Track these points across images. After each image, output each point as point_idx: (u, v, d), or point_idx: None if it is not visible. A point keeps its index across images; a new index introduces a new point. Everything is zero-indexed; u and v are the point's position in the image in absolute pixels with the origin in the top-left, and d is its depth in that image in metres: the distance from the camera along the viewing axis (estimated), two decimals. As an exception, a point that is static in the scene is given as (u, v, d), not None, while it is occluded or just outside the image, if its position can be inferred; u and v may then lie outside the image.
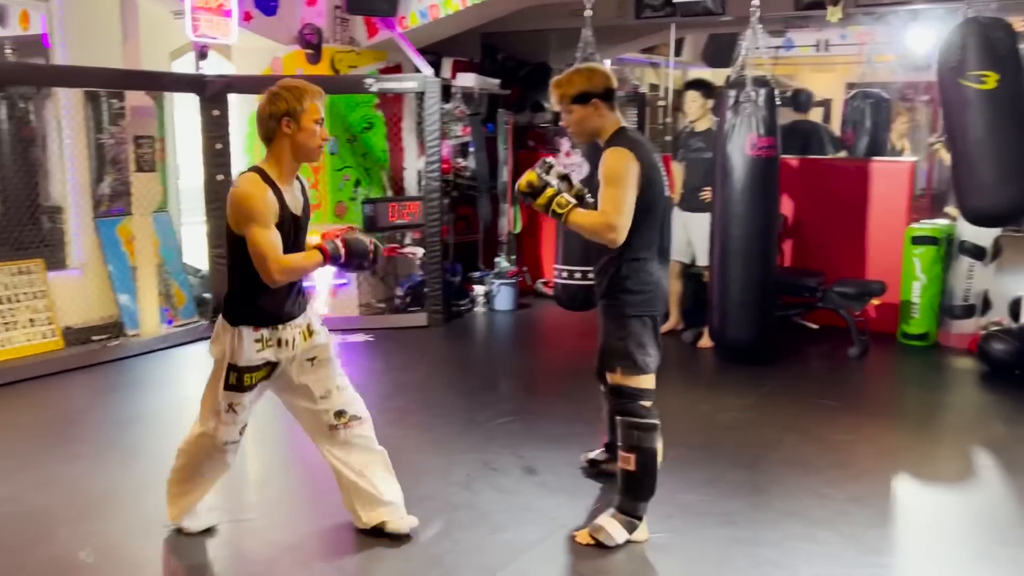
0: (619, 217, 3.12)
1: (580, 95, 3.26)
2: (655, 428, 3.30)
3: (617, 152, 3.18)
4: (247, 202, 2.97)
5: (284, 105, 2.99)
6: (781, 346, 6.02)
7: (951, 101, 4.81)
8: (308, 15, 6.93)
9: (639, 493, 3.33)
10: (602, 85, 3.27)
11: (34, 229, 6.43)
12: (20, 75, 6.29)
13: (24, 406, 5.09)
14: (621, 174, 3.14)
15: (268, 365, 3.17)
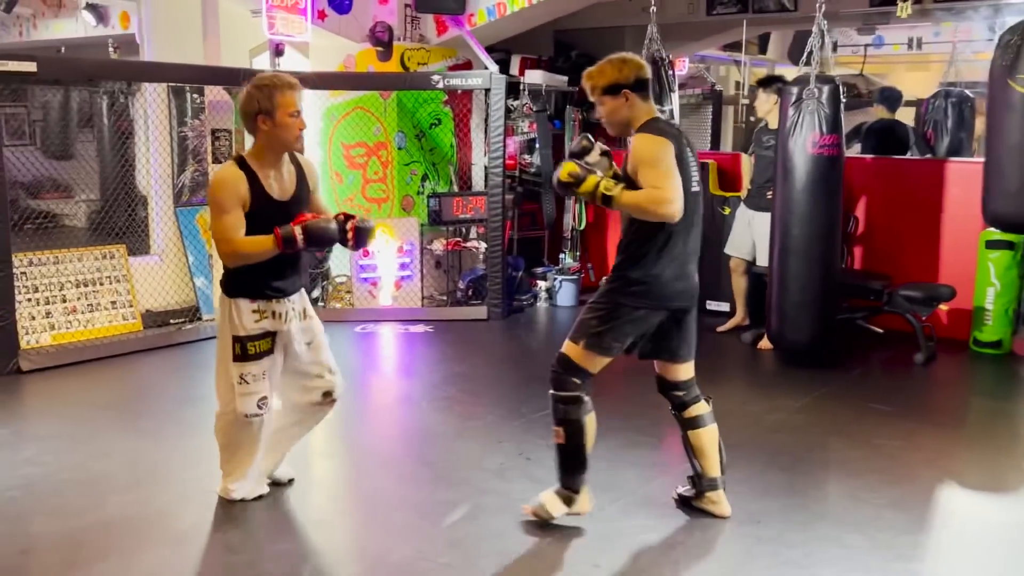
0: (673, 191, 3.06)
1: (610, 86, 3.23)
2: (581, 401, 3.32)
3: (648, 136, 3.16)
4: (213, 190, 3.28)
5: (256, 105, 3.22)
6: (843, 350, 5.89)
7: (995, 100, 4.69)
8: (380, 13, 7.11)
9: (572, 466, 3.37)
10: (633, 76, 3.23)
11: (125, 217, 6.83)
12: (107, 71, 6.65)
13: (100, 382, 5.41)
14: (658, 154, 3.11)
15: (269, 336, 3.38)
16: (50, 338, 5.83)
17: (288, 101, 3.24)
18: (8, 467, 3.96)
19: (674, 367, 3.48)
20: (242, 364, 3.38)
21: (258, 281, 3.35)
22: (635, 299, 3.26)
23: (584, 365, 3.31)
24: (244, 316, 3.35)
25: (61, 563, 3.16)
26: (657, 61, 5.89)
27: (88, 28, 9.53)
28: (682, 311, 3.37)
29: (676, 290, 3.30)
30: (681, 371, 3.49)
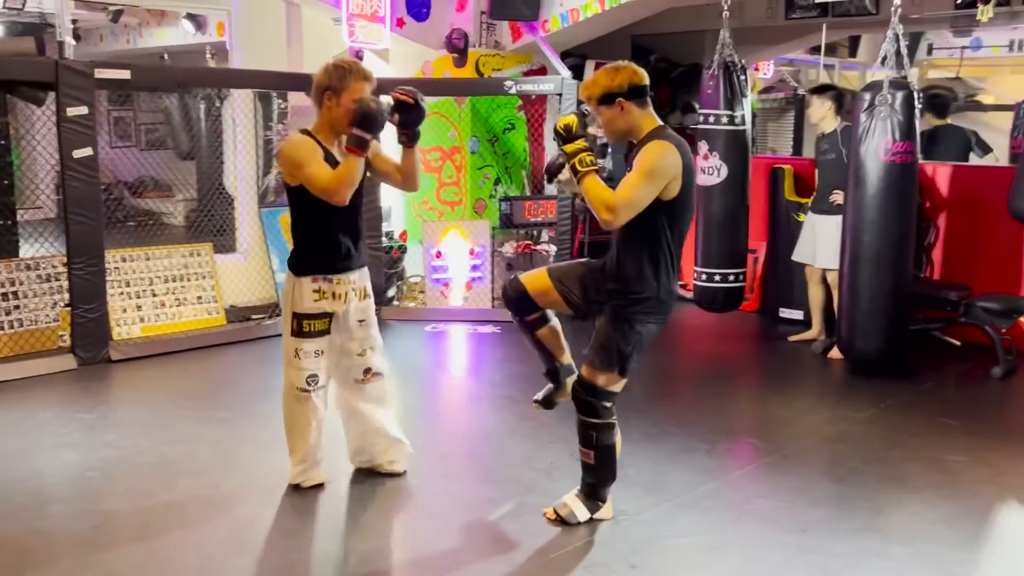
0: (623, 203, 3.04)
1: (604, 96, 3.17)
2: (613, 427, 3.37)
3: (662, 145, 3.09)
4: (294, 150, 3.41)
5: (327, 79, 3.41)
6: (917, 361, 5.74)
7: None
8: (457, 20, 7.27)
9: (601, 480, 3.44)
10: (626, 83, 3.14)
11: (216, 216, 7.20)
12: (195, 78, 7.01)
13: (182, 373, 5.71)
14: (654, 168, 3.05)
15: (327, 316, 3.56)
16: (139, 330, 6.18)
17: (357, 88, 3.41)
18: (89, 450, 4.25)
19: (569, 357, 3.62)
20: (298, 340, 3.58)
21: (321, 260, 3.54)
22: (654, 317, 3.30)
23: (615, 389, 3.36)
24: (304, 294, 3.53)
25: (129, 538, 3.39)
26: (728, 66, 5.85)
27: (188, 36, 9.99)
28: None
29: (670, 308, 3.36)
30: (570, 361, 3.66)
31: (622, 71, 3.18)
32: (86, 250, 5.61)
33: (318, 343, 3.60)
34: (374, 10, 6.79)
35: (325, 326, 3.59)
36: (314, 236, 3.52)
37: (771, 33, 8.10)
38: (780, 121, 10.04)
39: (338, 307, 3.60)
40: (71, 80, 5.43)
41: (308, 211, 3.50)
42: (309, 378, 3.62)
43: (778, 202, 7.05)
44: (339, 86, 3.40)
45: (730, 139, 5.81)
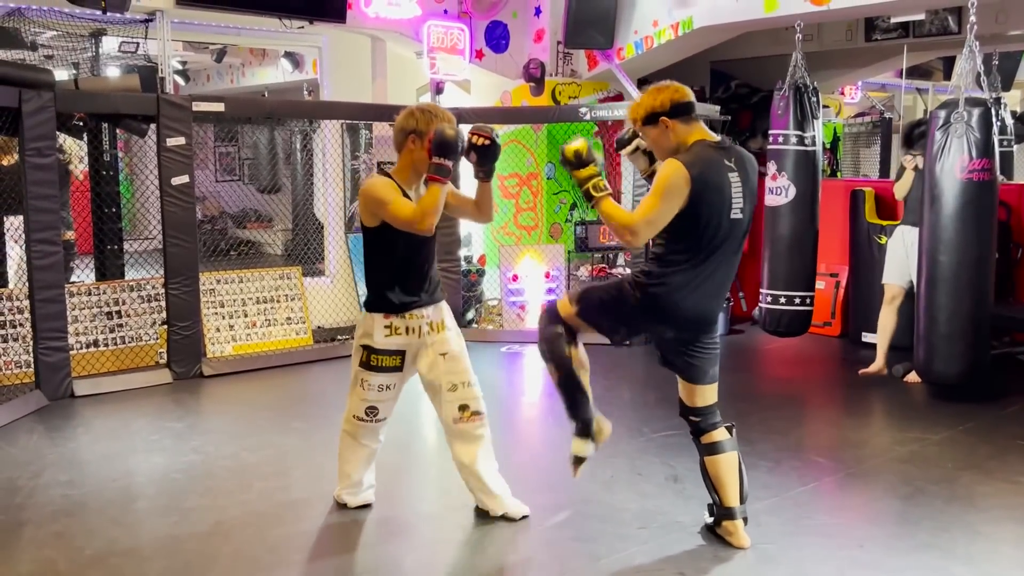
0: (642, 222, 3.08)
1: (647, 116, 3.20)
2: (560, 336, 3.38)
3: (671, 163, 3.11)
4: (375, 191, 3.44)
5: (412, 123, 3.47)
6: (1001, 385, 5.57)
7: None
8: (534, 51, 7.48)
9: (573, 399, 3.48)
10: (668, 102, 3.17)
11: (311, 244, 7.58)
12: (285, 109, 7.43)
13: (268, 388, 6.00)
14: (663, 184, 3.07)
15: (398, 354, 3.59)
16: (232, 348, 6.54)
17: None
18: (175, 454, 4.54)
19: (688, 388, 3.42)
20: (364, 371, 3.65)
21: (392, 296, 3.55)
22: (642, 304, 3.23)
23: (569, 322, 3.38)
24: (376, 329, 3.57)
25: (204, 532, 3.62)
26: (800, 88, 5.86)
27: (285, 74, 10.56)
28: (689, 337, 3.32)
29: (685, 311, 3.23)
30: (698, 394, 3.41)
31: (664, 90, 3.21)
32: (182, 271, 5.99)
33: (386, 378, 3.62)
34: (454, 43, 7.06)
35: (396, 363, 3.60)
36: (387, 275, 3.56)
37: (852, 56, 8.02)
38: (870, 146, 9.87)
39: (412, 342, 3.60)
40: (171, 112, 5.85)
41: (383, 251, 3.55)
42: (368, 409, 3.68)
43: (859, 224, 6.95)
44: (424, 129, 3.44)
45: (800, 160, 5.80)
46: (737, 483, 3.40)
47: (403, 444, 4.97)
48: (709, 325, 3.35)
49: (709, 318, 3.33)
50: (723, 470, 3.39)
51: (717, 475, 3.41)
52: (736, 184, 3.19)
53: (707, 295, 3.25)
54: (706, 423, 3.42)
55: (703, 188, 3.09)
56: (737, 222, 3.20)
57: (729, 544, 3.43)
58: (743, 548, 3.37)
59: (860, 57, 8.06)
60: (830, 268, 7.27)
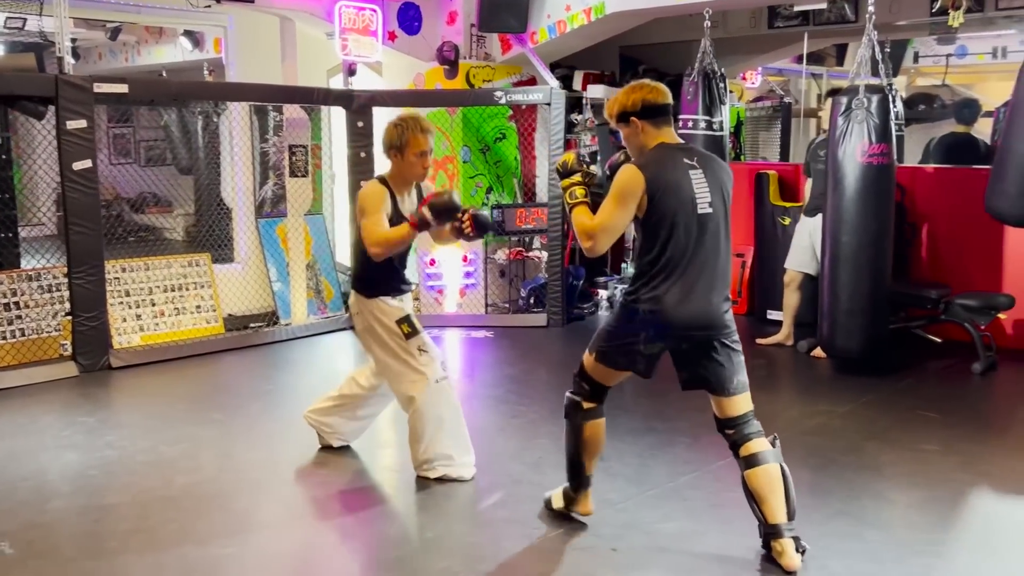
0: (599, 230, 3.11)
1: (620, 114, 3.23)
2: (579, 407, 3.42)
3: (626, 168, 3.15)
4: (364, 199, 3.77)
5: (389, 139, 3.78)
6: (899, 358, 5.88)
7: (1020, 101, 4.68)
8: (447, 33, 7.45)
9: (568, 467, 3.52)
10: (640, 103, 3.18)
11: (215, 229, 7.37)
12: (192, 91, 7.18)
13: (181, 379, 5.85)
14: (617, 190, 3.11)
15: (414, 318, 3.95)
16: (139, 339, 6.32)
17: (416, 142, 3.76)
18: (89, 450, 4.38)
19: (720, 401, 3.29)
20: (416, 338, 3.86)
21: (392, 281, 3.94)
22: (640, 322, 3.19)
23: (594, 375, 3.38)
24: (392, 305, 3.90)
25: (128, 529, 3.51)
26: (709, 74, 6.02)
27: (185, 53, 10.19)
28: (701, 339, 3.21)
29: (683, 316, 3.15)
30: (728, 405, 3.27)
31: (638, 90, 3.22)
32: (86, 260, 5.75)
33: (422, 339, 3.89)
34: (366, 24, 6.96)
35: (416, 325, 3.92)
36: (380, 265, 3.81)
37: (756, 43, 8.28)
38: (769, 129, 10.20)
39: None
40: (70, 94, 5.59)
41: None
42: (442, 363, 3.95)
43: (763, 207, 7.19)
44: (399, 143, 3.76)
45: (709, 144, 5.97)
46: (782, 498, 3.20)
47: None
48: (716, 325, 3.20)
49: (712, 317, 3.19)
50: (763, 484, 3.20)
51: (757, 490, 3.20)
52: (699, 179, 3.16)
53: (701, 294, 3.16)
54: (740, 434, 3.25)
55: (658, 188, 3.09)
56: (708, 216, 3.15)
57: (663, 527, 3.54)
58: (792, 571, 3.12)
59: (763, 43, 8.33)
60: (736, 248, 7.45)
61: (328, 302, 7.45)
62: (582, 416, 3.42)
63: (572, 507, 3.54)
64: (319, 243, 7.48)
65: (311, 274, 7.37)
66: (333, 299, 7.49)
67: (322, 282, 7.47)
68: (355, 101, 6.95)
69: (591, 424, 3.42)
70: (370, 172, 7.02)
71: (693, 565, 3.25)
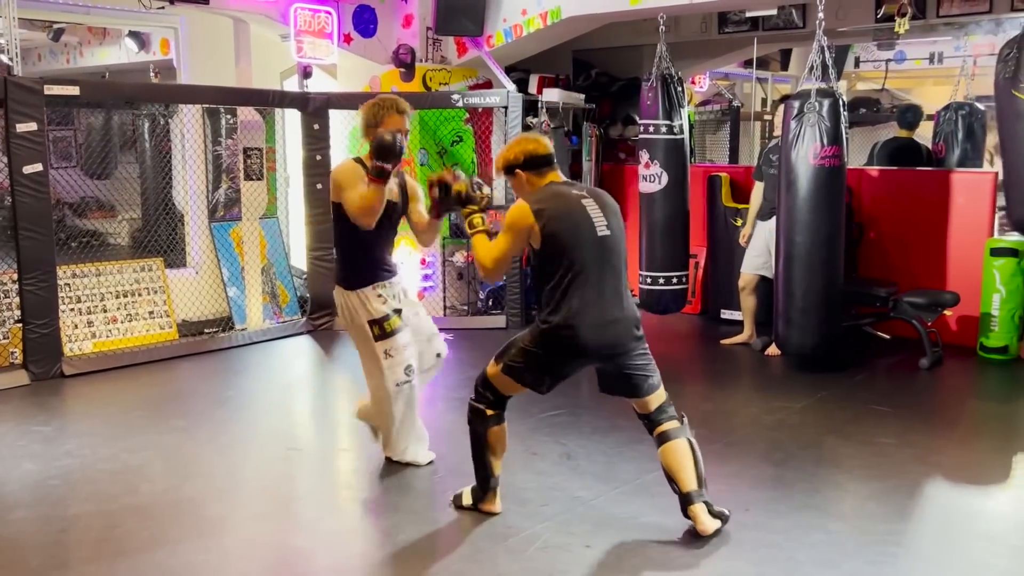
0: (493, 260, 3.38)
1: (506, 168, 3.49)
2: (484, 415, 3.60)
3: (515, 205, 3.38)
4: (339, 175, 3.82)
5: (366, 118, 3.77)
6: (850, 355, 6.05)
7: (1004, 111, 4.83)
8: (403, 36, 7.44)
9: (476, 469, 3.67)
10: (523, 156, 3.43)
11: (164, 233, 7.24)
12: (145, 93, 7.06)
13: (137, 386, 5.74)
14: (508, 224, 3.36)
15: (398, 312, 3.89)
16: (91, 346, 6.19)
17: (393, 121, 3.76)
18: (47, 459, 4.29)
19: (637, 401, 3.53)
20: (384, 341, 3.87)
21: (374, 268, 3.91)
22: (553, 345, 3.35)
23: (497, 385, 3.55)
24: (372, 301, 3.87)
25: (95, 539, 3.46)
26: (667, 78, 6.12)
27: (131, 54, 9.99)
28: (616, 358, 3.40)
29: (598, 340, 3.33)
30: (645, 404, 3.52)
31: (521, 143, 3.50)
32: (37, 266, 5.62)
33: (404, 336, 3.92)
34: (321, 27, 6.93)
35: (400, 321, 3.92)
36: (361, 251, 3.87)
37: (706, 47, 8.43)
38: (717, 132, 10.39)
39: (397, 305, 3.96)
40: (20, 96, 5.47)
41: (355, 228, 3.79)
42: (407, 369, 3.93)
43: (716, 208, 7.33)
44: (375, 122, 3.76)
45: (670, 147, 6.08)
46: (692, 468, 3.44)
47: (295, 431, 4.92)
48: (628, 342, 3.40)
49: (624, 336, 3.39)
50: (674, 457, 3.45)
51: (669, 463, 3.46)
52: (591, 206, 3.39)
53: (605, 311, 3.35)
54: (653, 421, 3.52)
55: (549, 218, 3.30)
56: (608, 238, 3.37)
57: (634, 523, 3.60)
58: (707, 534, 3.38)
59: (713, 48, 8.48)
60: (690, 249, 7.63)
61: (284, 307, 7.39)
62: (485, 423, 3.59)
63: (481, 505, 3.66)
64: (274, 247, 7.41)
65: (266, 278, 7.30)
66: (289, 303, 7.42)
67: (277, 286, 7.40)
68: (311, 103, 6.90)
69: (494, 430, 3.61)
70: (325, 175, 6.97)
71: (666, 559, 3.32)
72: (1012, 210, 5.22)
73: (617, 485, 3.96)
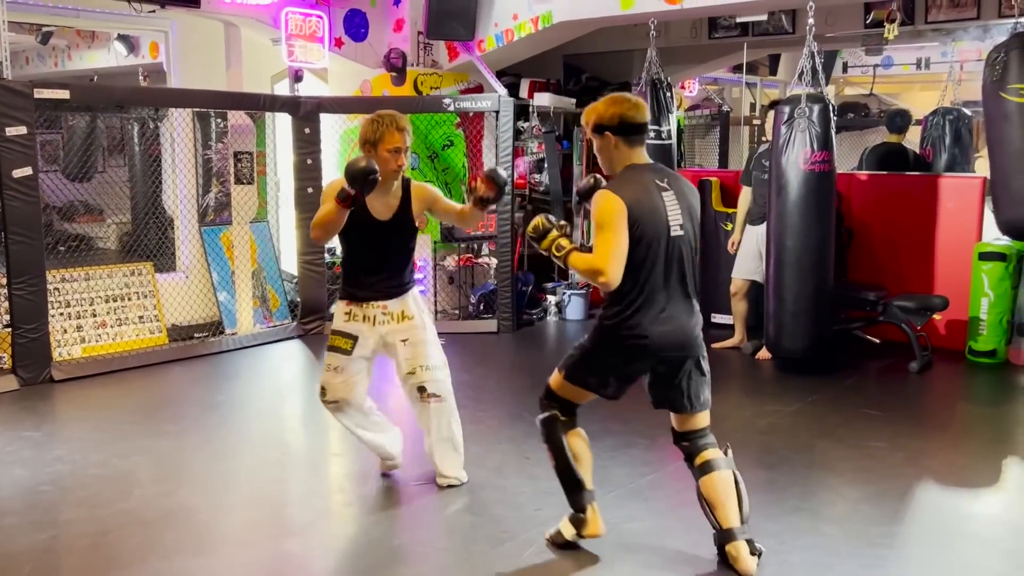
0: (607, 262, 3.03)
1: (596, 126, 3.19)
2: (555, 421, 3.35)
3: (601, 195, 3.11)
4: (327, 186, 3.78)
5: (364, 134, 3.73)
6: (840, 359, 6.07)
7: (992, 113, 4.87)
8: (394, 40, 7.45)
9: (567, 486, 3.38)
10: (617, 119, 3.14)
11: (153, 238, 7.21)
12: (135, 97, 7.04)
13: (127, 391, 5.71)
14: (605, 218, 3.06)
15: (350, 338, 3.81)
16: (81, 351, 6.16)
17: (390, 139, 3.69)
18: (38, 465, 4.26)
19: (682, 417, 3.34)
20: (329, 353, 3.87)
21: (351, 285, 3.87)
22: (619, 346, 3.18)
23: (563, 394, 3.33)
24: (337, 313, 3.89)
25: (87, 544, 3.44)
26: (656, 83, 6.14)
27: (120, 58, 9.95)
28: (678, 362, 3.23)
29: (664, 341, 3.15)
30: (690, 421, 3.33)
31: (617, 103, 3.18)
32: (27, 270, 5.59)
33: (335, 359, 3.83)
34: (312, 30, 6.92)
35: (347, 346, 3.81)
36: (346, 266, 3.90)
37: (695, 52, 8.47)
38: (707, 136, 10.44)
39: (366, 330, 3.83)
40: (9, 100, 5.44)
41: (343, 243, 3.84)
42: (320, 388, 3.89)
43: (706, 212, 7.35)
44: (373, 138, 3.69)
45: (657, 152, 6.08)
46: (735, 502, 3.26)
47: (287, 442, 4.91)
48: (694, 346, 3.25)
49: (690, 339, 3.23)
50: (716, 490, 3.26)
51: (711, 496, 3.25)
52: (671, 202, 3.15)
53: (679, 317, 3.18)
54: (695, 446, 3.32)
55: (638, 211, 3.07)
56: (680, 238, 3.16)
57: (628, 527, 3.60)
58: (748, 575, 3.17)
59: (703, 53, 8.52)
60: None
61: (274, 311, 7.37)
62: (561, 428, 3.34)
63: (583, 530, 3.37)
64: (264, 251, 7.39)
65: (256, 282, 7.28)
66: (279, 308, 7.40)
67: (268, 290, 7.38)
68: (302, 107, 6.89)
69: (573, 434, 3.37)
70: (316, 179, 6.98)
71: (660, 563, 3.33)
72: (1000, 212, 5.25)
73: (610, 489, 3.96)
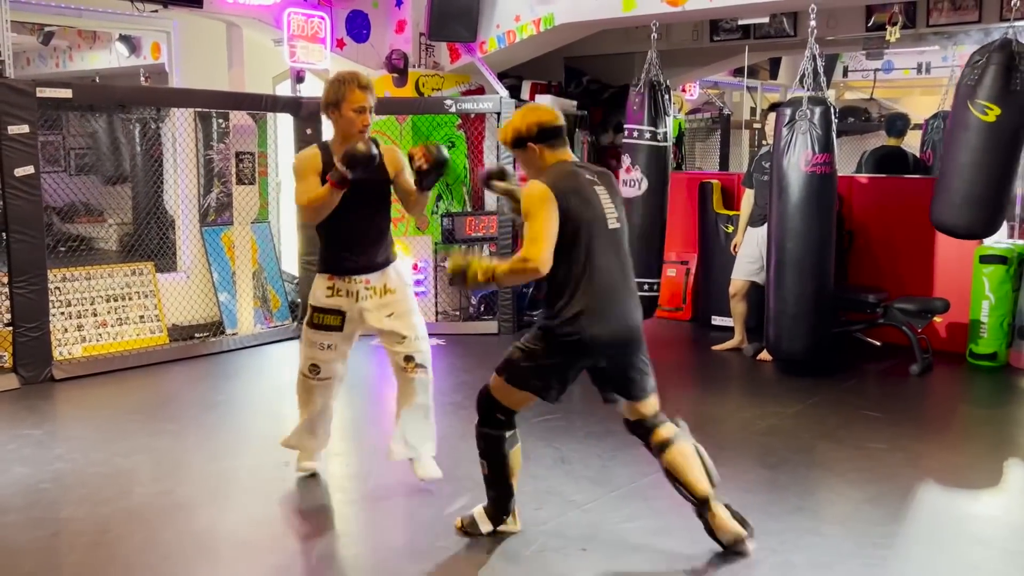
0: (534, 248, 2.99)
1: (515, 140, 3.19)
2: (502, 440, 3.30)
3: (528, 185, 3.10)
4: (297, 162, 3.72)
5: (327, 96, 3.62)
6: (841, 361, 6.08)
7: (956, 116, 5.03)
8: (396, 42, 7.46)
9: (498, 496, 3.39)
10: (536, 128, 3.16)
11: (154, 238, 7.20)
12: (137, 97, 7.05)
13: (127, 390, 5.71)
14: (532, 204, 3.05)
15: (338, 314, 3.73)
16: (81, 350, 6.16)
17: (354, 98, 3.59)
18: (39, 463, 4.26)
19: (633, 405, 3.35)
20: (309, 329, 3.81)
21: (332, 259, 3.76)
22: (559, 342, 3.12)
23: (501, 398, 3.26)
24: (319, 289, 3.77)
25: (88, 543, 3.43)
26: (655, 86, 6.15)
27: (121, 59, 9.96)
28: (618, 355, 3.23)
29: (606, 337, 3.14)
30: (641, 408, 3.35)
31: (531, 113, 3.21)
32: (28, 269, 5.59)
33: (328, 337, 3.78)
34: (314, 31, 6.93)
35: (337, 322, 3.75)
36: (327, 239, 3.75)
37: (697, 55, 8.49)
38: (708, 139, 10.45)
39: (351, 304, 3.75)
40: (12, 99, 5.45)
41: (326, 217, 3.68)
42: (311, 366, 3.84)
43: (707, 215, 7.37)
44: (336, 99, 3.59)
45: (652, 154, 6.11)
46: (700, 469, 3.27)
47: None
48: (636, 340, 3.25)
49: (632, 334, 3.23)
50: (677, 461, 3.27)
51: (674, 468, 3.27)
52: (604, 195, 3.17)
53: (620, 312, 3.18)
54: (648, 427, 3.34)
55: (568, 201, 3.06)
56: (617, 231, 3.19)
57: (630, 527, 3.60)
58: (739, 536, 3.25)
59: (704, 56, 8.54)
60: (680, 256, 7.67)
61: (275, 311, 7.37)
62: (505, 446, 3.31)
63: (502, 528, 3.46)
64: (265, 251, 7.40)
65: (257, 283, 7.28)
66: (280, 308, 7.40)
67: (268, 291, 7.38)
68: (304, 108, 6.90)
69: (515, 451, 3.36)
70: (318, 180, 6.98)
71: (663, 562, 3.33)
72: (934, 212, 5.40)
73: (612, 489, 3.96)
